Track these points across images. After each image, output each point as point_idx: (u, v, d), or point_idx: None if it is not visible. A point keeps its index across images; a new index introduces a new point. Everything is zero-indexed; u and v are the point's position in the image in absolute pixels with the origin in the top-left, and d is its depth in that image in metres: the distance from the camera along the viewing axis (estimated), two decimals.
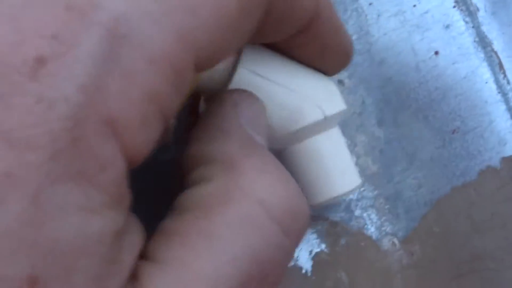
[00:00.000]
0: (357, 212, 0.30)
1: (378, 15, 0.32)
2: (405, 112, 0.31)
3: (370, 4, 0.32)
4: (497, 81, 0.30)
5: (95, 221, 0.14)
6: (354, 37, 0.32)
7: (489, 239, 0.28)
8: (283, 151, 0.26)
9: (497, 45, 0.30)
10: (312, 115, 0.25)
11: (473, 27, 0.31)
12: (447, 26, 0.31)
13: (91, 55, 0.14)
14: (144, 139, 0.15)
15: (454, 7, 0.31)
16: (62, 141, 0.13)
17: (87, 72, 0.14)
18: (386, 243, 0.30)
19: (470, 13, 0.31)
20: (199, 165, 0.20)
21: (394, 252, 0.29)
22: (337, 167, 0.26)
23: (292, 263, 0.29)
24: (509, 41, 0.31)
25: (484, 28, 0.31)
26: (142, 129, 0.15)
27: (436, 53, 0.31)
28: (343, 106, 0.26)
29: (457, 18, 0.31)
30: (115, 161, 0.14)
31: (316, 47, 0.23)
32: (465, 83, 0.30)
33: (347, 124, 0.30)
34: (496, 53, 0.30)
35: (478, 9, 0.31)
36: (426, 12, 0.31)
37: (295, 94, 0.25)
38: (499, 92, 0.30)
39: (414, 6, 0.31)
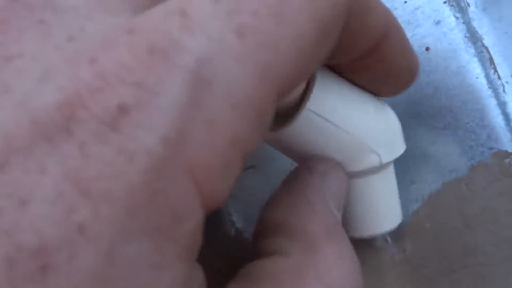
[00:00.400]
0: None
1: None
2: (397, 108, 0.31)
3: None
4: (487, 76, 0.30)
5: (166, 276, 0.13)
6: None
7: (481, 235, 0.28)
8: None
9: (488, 40, 0.30)
10: (367, 162, 0.25)
11: (463, 22, 0.31)
12: (438, 22, 0.31)
13: (175, 103, 0.13)
14: (224, 186, 0.14)
15: (445, 2, 0.31)
16: (140, 195, 0.12)
17: (170, 122, 0.13)
18: (378, 240, 0.30)
19: (460, 8, 0.31)
20: (278, 234, 0.20)
21: (386, 248, 0.29)
22: (385, 207, 0.26)
23: None
24: (500, 36, 0.31)
25: (474, 24, 0.31)
26: (223, 176, 0.14)
27: (427, 49, 0.31)
28: (402, 149, 0.26)
29: (447, 14, 0.31)
30: (193, 212, 0.14)
31: (382, 69, 0.22)
32: (456, 79, 0.30)
33: None
34: (486, 48, 0.30)
35: (468, 5, 0.31)
36: (417, 8, 0.31)
37: (353, 139, 0.24)
38: (489, 87, 0.30)
39: (405, 2, 0.31)
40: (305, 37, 0.15)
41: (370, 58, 0.21)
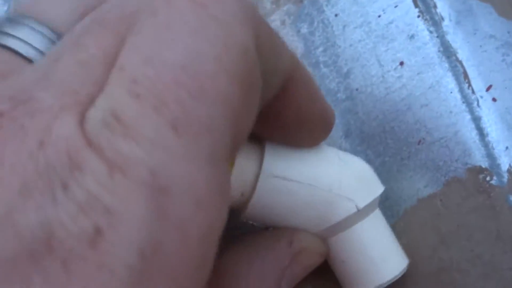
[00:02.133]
0: None
1: (344, 26, 0.32)
2: (371, 123, 0.30)
3: (336, 15, 0.32)
4: (461, 91, 0.30)
5: None
6: (320, 49, 0.32)
7: (456, 251, 0.28)
8: (324, 240, 0.26)
9: (462, 54, 0.30)
10: (343, 211, 0.25)
11: (437, 36, 0.31)
12: (412, 36, 0.31)
13: (142, 219, 0.13)
14: (199, 277, 0.15)
15: (419, 17, 0.31)
16: None
17: (142, 236, 0.13)
18: None
19: (434, 22, 0.31)
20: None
21: None
22: (381, 253, 0.26)
23: None
24: (473, 50, 0.30)
25: (448, 38, 0.30)
26: (199, 268, 0.15)
27: (401, 63, 0.31)
28: (379, 190, 0.26)
29: (421, 28, 0.31)
30: None
31: (293, 115, 0.22)
32: (430, 94, 0.30)
33: None
34: (460, 62, 0.30)
35: (442, 19, 0.31)
36: (391, 23, 0.31)
37: (321, 191, 0.24)
38: (463, 102, 0.29)
39: (379, 16, 0.31)
40: (232, 99, 0.15)
41: (279, 103, 0.21)
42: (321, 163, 0.24)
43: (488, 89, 0.30)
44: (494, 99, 0.30)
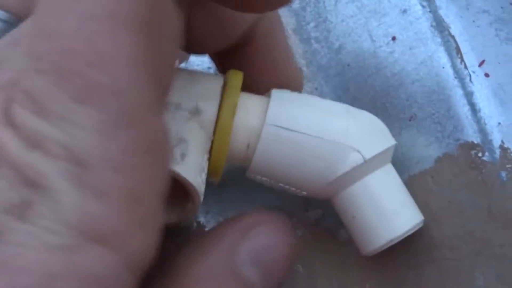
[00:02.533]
0: (314, 203, 0.29)
1: (336, 1, 0.31)
2: (363, 99, 0.30)
3: None
4: (454, 66, 0.29)
5: None
6: (312, 24, 0.31)
7: (447, 228, 0.28)
8: (333, 198, 0.26)
9: (455, 29, 0.30)
10: (350, 161, 0.24)
11: (430, 11, 0.30)
12: (404, 11, 0.30)
13: (65, 190, 0.14)
14: (141, 238, 0.15)
15: None
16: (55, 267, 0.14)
17: (67, 207, 0.14)
18: (343, 234, 0.29)
19: None
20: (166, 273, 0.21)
21: (351, 242, 0.29)
22: (392, 207, 0.25)
23: None
24: (466, 25, 0.30)
25: (441, 12, 0.30)
26: (138, 230, 0.15)
27: (394, 38, 0.30)
28: (388, 143, 0.25)
29: (414, 2, 0.30)
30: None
31: (255, 64, 0.24)
32: (422, 69, 0.30)
33: None
34: (453, 37, 0.30)
35: None
36: None
37: (327, 142, 0.24)
38: (456, 77, 0.29)
39: None
40: (134, 52, 0.15)
41: (242, 53, 0.23)
42: (328, 114, 0.24)
43: (480, 64, 0.29)
44: (486, 75, 0.29)
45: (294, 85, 0.25)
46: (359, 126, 0.24)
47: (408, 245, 0.28)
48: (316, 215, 0.29)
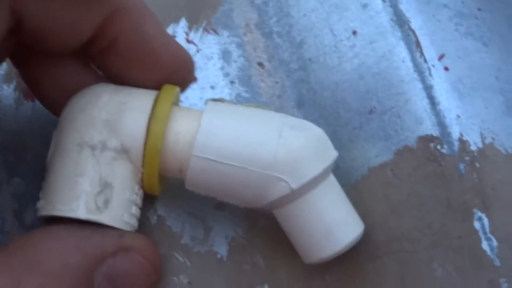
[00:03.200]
0: None
1: None
2: (323, 92, 0.30)
3: None
4: (414, 60, 0.29)
5: None
6: (274, 19, 0.32)
7: (406, 220, 0.28)
8: (273, 212, 0.26)
9: (415, 23, 0.30)
10: (278, 191, 0.24)
11: (390, 6, 0.30)
12: (365, 6, 0.31)
13: None
14: None
15: None
16: None
17: None
18: None
19: None
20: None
21: None
22: (333, 221, 0.25)
23: (207, 248, 0.28)
24: (426, 19, 0.30)
25: (401, 7, 0.30)
26: None
27: (354, 33, 0.30)
28: (327, 161, 0.25)
29: None
30: None
31: (132, 49, 0.24)
32: (383, 63, 0.30)
33: (266, 106, 0.30)
34: (413, 31, 0.30)
35: None
36: None
37: (254, 173, 0.24)
38: (415, 71, 0.29)
39: None
40: None
41: (110, 49, 0.24)
42: (257, 141, 0.24)
43: (440, 58, 0.30)
44: (446, 68, 0.29)
45: (185, 66, 0.26)
46: (289, 153, 0.24)
47: (368, 237, 0.28)
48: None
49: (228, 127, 0.24)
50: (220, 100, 0.26)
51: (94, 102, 0.24)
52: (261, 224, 0.29)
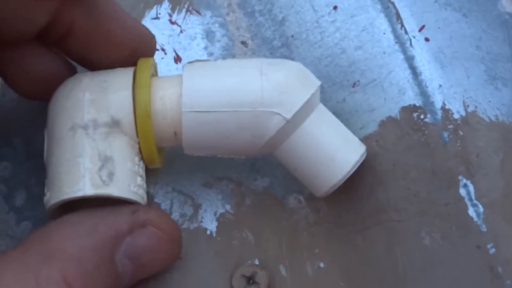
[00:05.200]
0: (262, 172, 0.29)
1: None
2: (307, 68, 0.30)
3: None
4: (394, 32, 0.30)
5: None
6: None
7: (392, 190, 0.28)
8: (274, 152, 0.26)
9: None
10: (273, 125, 0.24)
11: None
12: None
13: None
14: None
15: None
16: None
17: None
18: (292, 201, 0.29)
19: None
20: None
21: (300, 209, 0.29)
22: (334, 146, 0.26)
23: (196, 225, 0.29)
24: None
25: None
26: None
27: (335, 7, 0.31)
28: (312, 87, 0.25)
29: None
30: None
31: (89, 31, 0.25)
32: (364, 36, 0.30)
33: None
34: (393, 4, 0.30)
35: None
36: None
37: (246, 113, 0.24)
38: (396, 42, 0.30)
39: None
40: None
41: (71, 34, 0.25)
42: (241, 82, 0.24)
43: (420, 29, 0.30)
44: (426, 39, 0.30)
45: (145, 43, 0.27)
46: (274, 86, 0.24)
47: (355, 209, 0.29)
48: (264, 183, 0.29)
49: (210, 77, 0.25)
50: (196, 61, 0.26)
51: (77, 87, 0.25)
52: (249, 202, 0.29)
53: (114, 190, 0.23)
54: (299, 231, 0.29)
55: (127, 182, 0.24)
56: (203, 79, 0.24)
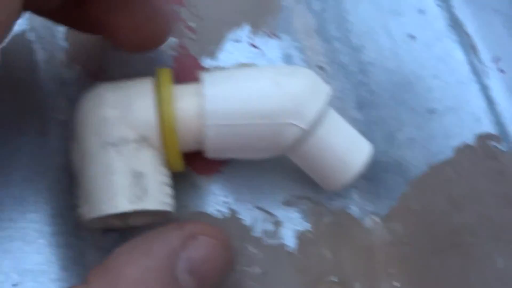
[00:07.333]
0: (338, 193, 0.31)
1: (355, 2, 0.33)
2: (383, 95, 0.32)
3: None
4: (470, 62, 0.31)
5: None
6: (333, 25, 0.33)
7: (467, 214, 0.29)
8: (289, 155, 0.28)
9: (470, 27, 0.32)
10: (290, 135, 0.26)
11: (446, 11, 0.32)
12: (421, 11, 0.32)
13: None
14: None
15: None
16: None
17: None
18: (368, 222, 0.30)
19: None
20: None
21: (376, 230, 0.30)
22: (344, 148, 0.27)
23: (277, 241, 0.29)
24: (482, 24, 0.32)
25: (457, 12, 0.32)
26: None
27: (412, 37, 0.32)
28: (323, 95, 0.26)
29: (430, 2, 0.32)
30: None
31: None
32: (440, 65, 0.31)
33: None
34: (469, 35, 0.31)
35: None
36: None
37: (264, 125, 0.26)
38: (472, 72, 0.31)
39: None
40: None
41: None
42: (259, 97, 0.26)
43: (495, 61, 0.31)
44: (502, 71, 0.31)
45: (161, 17, 0.27)
46: (291, 99, 0.26)
47: (430, 232, 0.30)
48: (340, 203, 0.30)
49: (229, 90, 0.26)
50: (208, 69, 0.27)
51: (100, 102, 0.26)
52: (327, 221, 0.30)
53: (149, 204, 0.25)
54: (375, 251, 0.30)
55: (159, 194, 0.25)
56: (222, 91, 0.26)
